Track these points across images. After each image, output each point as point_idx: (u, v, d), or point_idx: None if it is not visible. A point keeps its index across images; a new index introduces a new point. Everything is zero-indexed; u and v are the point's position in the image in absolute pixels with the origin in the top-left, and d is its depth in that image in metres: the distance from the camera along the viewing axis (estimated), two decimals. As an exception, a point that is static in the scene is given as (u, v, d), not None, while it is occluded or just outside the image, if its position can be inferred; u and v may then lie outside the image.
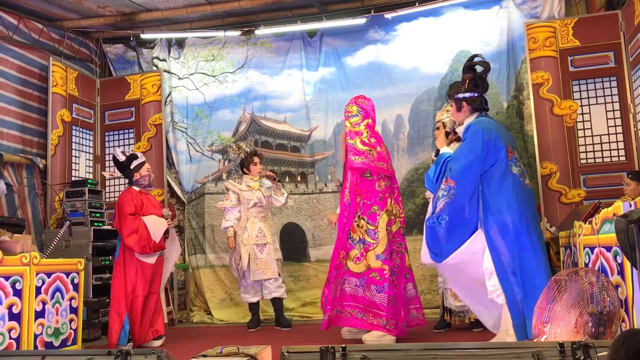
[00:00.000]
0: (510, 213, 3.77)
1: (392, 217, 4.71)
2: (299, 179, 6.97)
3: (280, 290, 5.81)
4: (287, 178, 6.95)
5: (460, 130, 4.05)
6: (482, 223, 3.79)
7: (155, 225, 4.95)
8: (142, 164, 5.15)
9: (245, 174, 5.99)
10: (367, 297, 4.55)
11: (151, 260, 4.95)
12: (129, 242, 4.81)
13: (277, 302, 5.83)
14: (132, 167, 5.11)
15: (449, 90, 4.12)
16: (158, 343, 4.96)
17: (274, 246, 5.86)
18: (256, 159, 5.95)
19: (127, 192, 5.05)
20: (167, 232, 5.14)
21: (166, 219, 5.11)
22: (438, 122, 5.25)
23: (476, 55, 4.08)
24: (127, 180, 5.21)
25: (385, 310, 4.48)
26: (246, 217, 5.85)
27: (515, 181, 3.88)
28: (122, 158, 5.11)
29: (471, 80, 3.98)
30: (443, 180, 3.80)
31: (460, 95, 3.99)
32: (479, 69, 4.01)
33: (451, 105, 4.12)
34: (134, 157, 5.17)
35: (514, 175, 3.88)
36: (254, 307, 5.90)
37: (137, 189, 5.12)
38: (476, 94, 3.97)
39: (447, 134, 4.50)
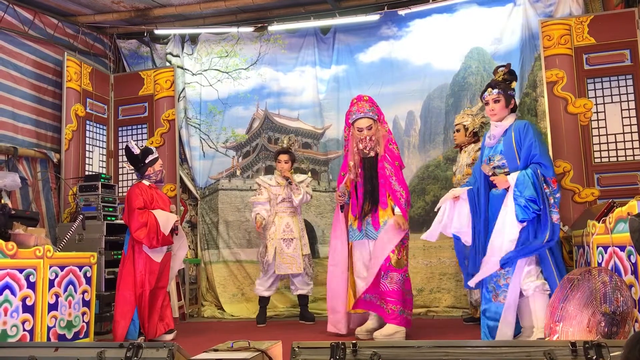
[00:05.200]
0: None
1: None
2: (309, 175, 6.96)
3: (307, 287, 5.96)
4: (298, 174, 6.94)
5: (503, 125, 4.06)
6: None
7: (165, 219, 4.97)
8: (156, 159, 5.17)
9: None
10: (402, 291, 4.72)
11: (158, 257, 4.97)
12: (137, 235, 4.83)
13: (302, 299, 5.99)
14: (146, 161, 5.11)
15: (502, 84, 4.09)
16: (169, 337, 4.99)
17: (301, 242, 5.93)
18: (280, 157, 6.01)
19: (137, 187, 5.06)
20: (175, 228, 5.17)
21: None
22: (458, 124, 5.45)
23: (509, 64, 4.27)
24: (139, 174, 5.22)
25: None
26: (275, 212, 5.95)
27: None
28: (137, 151, 5.11)
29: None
30: (544, 186, 3.81)
31: (512, 93, 4.11)
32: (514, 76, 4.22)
33: (497, 100, 4.08)
34: (149, 151, 5.18)
35: None
36: (263, 301, 5.97)
37: (147, 183, 5.13)
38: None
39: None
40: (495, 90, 4.06)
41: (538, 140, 3.89)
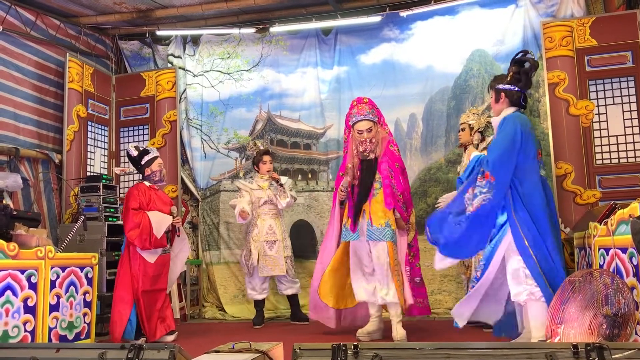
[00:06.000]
0: (542, 213, 3.76)
1: None
2: (309, 175, 6.98)
3: (295, 286, 5.94)
4: (299, 176, 6.96)
5: (495, 121, 4.01)
6: (513, 219, 3.75)
7: (159, 220, 4.94)
8: (153, 159, 5.17)
9: (257, 172, 6.05)
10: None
11: (151, 258, 4.94)
12: (130, 236, 4.84)
13: (293, 298, 5.96)
14: (143, 162, 5.14)
15: (492, 81, 4.09)
16: (170, 338, 4.99)
17: (283, 243, 5.91)
18: (265, 158, 5.99)
19: (135, 187, 5.07)
20: (177, 230, 5.17)
21: (174, 217, 5.11)
22: (463, 124, 5.43)
23: (527, 52, 4.05)
24: (141, 176, 5.24)
25: None
26: (257, 214, 5.92)
27: (545, 183, 3.93)
28: (134, 153, 5.14)
29: (515, 74, 3.96)
30: (479, 177, 3.77)
31: (500, 86, 3.97)
32: (527, 65, 3.97)
33: (491, 97, 4.09)
34: (145, 152, 5.19)
35: (543, 178, 3.93)
36: (259, 305, 5.98)
37: (147, 184, 5.14)
38: (516, 88, 3.95)
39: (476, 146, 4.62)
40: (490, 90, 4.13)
41: (502, 134, 3.82)
